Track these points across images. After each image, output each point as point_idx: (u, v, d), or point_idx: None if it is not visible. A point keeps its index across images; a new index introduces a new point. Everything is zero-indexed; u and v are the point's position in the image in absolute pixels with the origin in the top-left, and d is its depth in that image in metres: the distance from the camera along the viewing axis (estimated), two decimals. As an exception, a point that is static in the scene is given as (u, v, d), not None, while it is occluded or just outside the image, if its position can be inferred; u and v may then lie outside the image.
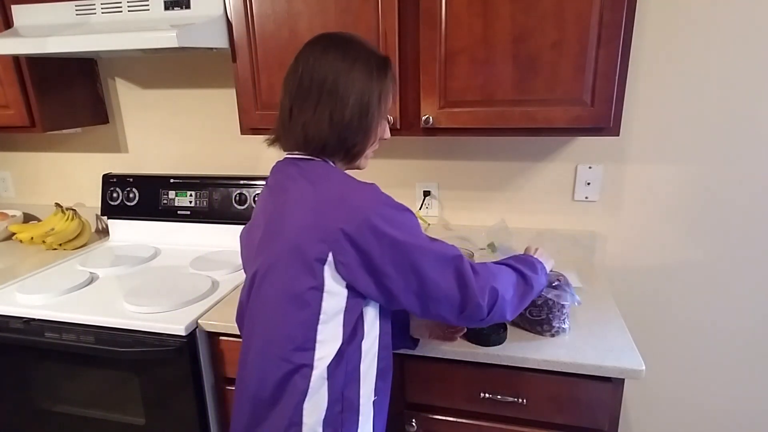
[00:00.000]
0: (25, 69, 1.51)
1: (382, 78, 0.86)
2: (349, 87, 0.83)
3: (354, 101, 0.83)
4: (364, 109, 0.84)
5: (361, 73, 0.83)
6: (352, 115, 0.83)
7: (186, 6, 1.28)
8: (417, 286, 0.80)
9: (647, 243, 1.53)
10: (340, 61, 0.83)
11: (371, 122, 0.86)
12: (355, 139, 0.85)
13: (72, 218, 1.80)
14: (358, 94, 0.83)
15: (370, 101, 0.84)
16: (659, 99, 1.39)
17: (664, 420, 1.68)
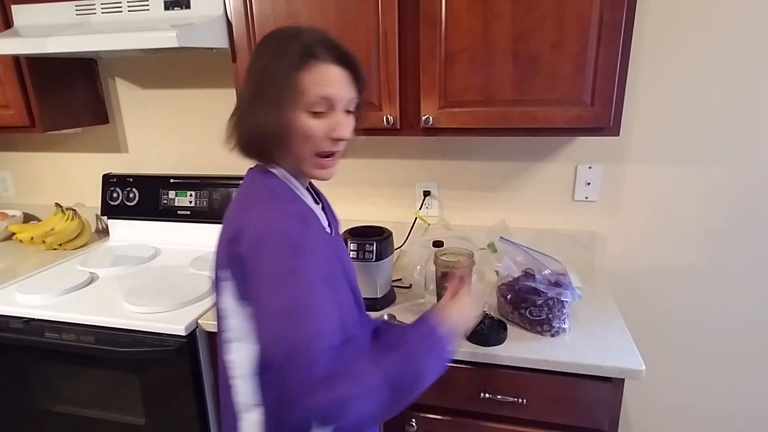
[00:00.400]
0: (25, 69, 1.51)
1: (285, 54, 0.74)
2: (269, 84, 0.74)
3: (271, 97, 0.74)
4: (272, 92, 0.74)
5: (269, 57, 0.75)
6: (268, 114, 0.74)
7: (186, 6, 1.28)
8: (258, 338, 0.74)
9: (647, 243, 1.53)
10: (264, 50, 0.77)
11: (281, 109, 0.73)
12: (269, 139, 0.76)
13: (72, 218, 1.80)
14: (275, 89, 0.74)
15: (283, 95, 0.73)
16: (659, 99, 1.39)
17: (664, 420, 1.68)
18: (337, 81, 0.75)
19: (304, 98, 0.74)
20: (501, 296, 1.20)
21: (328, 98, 0.75)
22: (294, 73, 0.73)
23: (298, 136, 0.75)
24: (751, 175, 1.40)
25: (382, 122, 1.24)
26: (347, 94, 0.77)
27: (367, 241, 1.24)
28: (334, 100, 0.75)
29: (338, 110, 0.77)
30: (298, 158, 0.78)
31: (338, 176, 1.68)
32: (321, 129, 0.76)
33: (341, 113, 0.77)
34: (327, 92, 0.74)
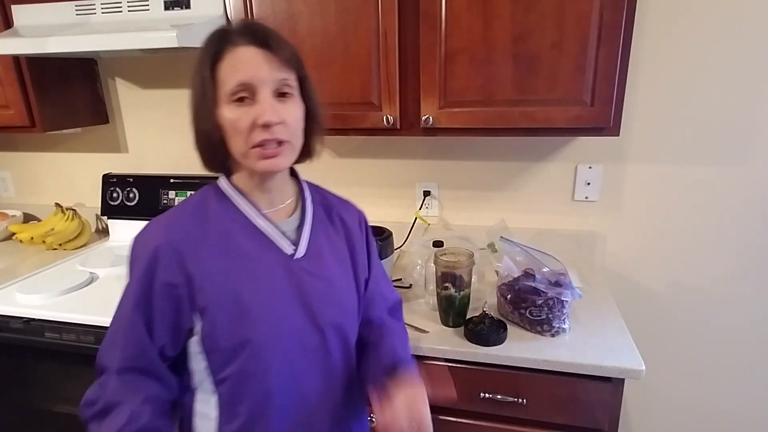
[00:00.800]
0: (25, 69, 1.51)
1: (210, 47, 0.71)
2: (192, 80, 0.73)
3: (192, 95, 0.73)
4: (198, 93, 0.72)
5: (196, 61, 0.72)
6: (194, 108, 0.73)
7: (186, 6, 1.28)
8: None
9: (647, 243, 1.53)
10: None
11: (209, 108, 0.71)
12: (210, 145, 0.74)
13: (72, 218, 1.80)
14: (192, 85, 0.73)
15: (202, 82, 0.71)
16: (659, 99, 1.39)
17: (664, 420, 1.68)
18: (252, 63, 0.70)
19: (223, 89, 0.70)
20: (501, 296, 1.20)
21: (245, 83, 0.69)
22: (211, 66, 0.70)
23: (228, 132, 0.72)
24: (751, 175, 1.40)
25: (382, 122, 1.24)
26: (270, 74, 0.70)
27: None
28: (252, 83, 0.69)
29: (263, 94, 0.70)
30: (241, 156, 0.73)
31: (338, 176, 1.69)
32: (247, 118, 0.70)
33: (267, 97, 0.70)
34: (242, 76, 0.69)
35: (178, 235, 0.73)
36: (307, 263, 0.80)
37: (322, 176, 1.71)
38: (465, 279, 1.14)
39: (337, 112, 1.27)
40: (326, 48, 1.23)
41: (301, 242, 0.80)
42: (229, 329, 0.73)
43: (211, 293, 0.72)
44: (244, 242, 0.76)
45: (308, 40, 1.23)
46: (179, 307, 0.72)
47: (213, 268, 0.73)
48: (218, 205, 0.77)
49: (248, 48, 0.70)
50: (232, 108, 0.70)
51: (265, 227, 0.78)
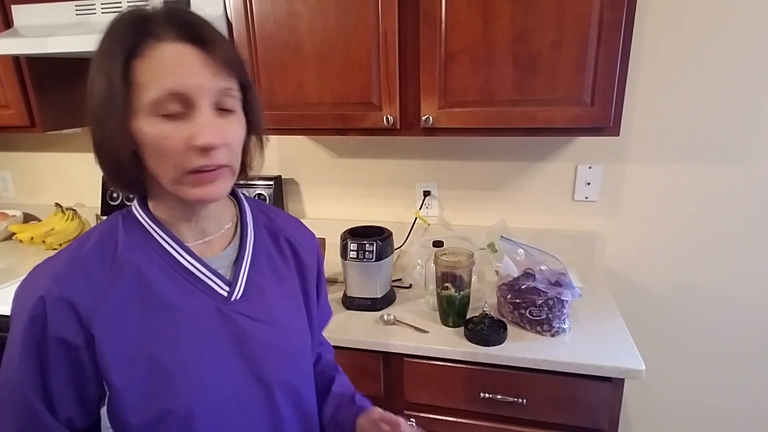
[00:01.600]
0: (25, 69, 1.51)
1: (124, 38, 0.54)
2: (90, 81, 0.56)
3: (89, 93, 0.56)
4: (101, 97, 0.54)
5: (98, 51, 0.57)
6: (94, 116, 0.56)
7: (186, 6, 1.28)
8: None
9: (647, 243, 1.53)
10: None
11: (116, 117, 0.54)
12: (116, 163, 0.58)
13: (72, 218, 1.80)
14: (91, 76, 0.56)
15: (109, 83, 0.54)
16: (659, 99, 1.39)
17: (664, 420, 1.68)
18: (187, 66, 0.53)
19: (143, 96, 0.53)
20: (501, 296, 1.20)
21: (178, 92, 0.53)
22: (123, 64, 0.53)
23: (149, 151, 0.55)
24: (751, 175, 1.40)
25: (382, 122, 1.24)
26: (209, 82, 0.54)
27: (367, 241, 1.24)
28: (187, 93, 0.53)
29: (202, 108, 0.54)
30: (169, 182, 0.57)
31: (338, 176, 1.69)
32: (179, 136, 0.54)
33: (207, 111, 0.55)
34: (172, 84, 0.52)
35: (71, 285, 0.56)
36: (246, 305, 0.65)
37: (322, 176, 1.72)
38: (465, 279, 1.14)
39: (337, 112, 1.27)
40: (326, 48, 1.23)
41: (238, 280, 0.65)
42: (142, 401, 0.57)
43: (116, 358, 0.56)
44: (164, 287, 0.60)
45: (308, 40, 1.23)
46: (80, 371, 0.57)
47: (119, 325, 0.57)
48: (131, 240, 0.61)
49: (178, 45, 0.53)
50: (155, 122, 0.54)
51: (192, 266, 0.62)
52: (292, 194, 1.76)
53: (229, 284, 0.65)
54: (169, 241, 0.62)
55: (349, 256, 1.25)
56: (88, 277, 0.57)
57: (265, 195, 1.66)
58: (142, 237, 0.62)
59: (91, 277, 0.57)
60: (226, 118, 0.57)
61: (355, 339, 1.15)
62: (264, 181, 1.66)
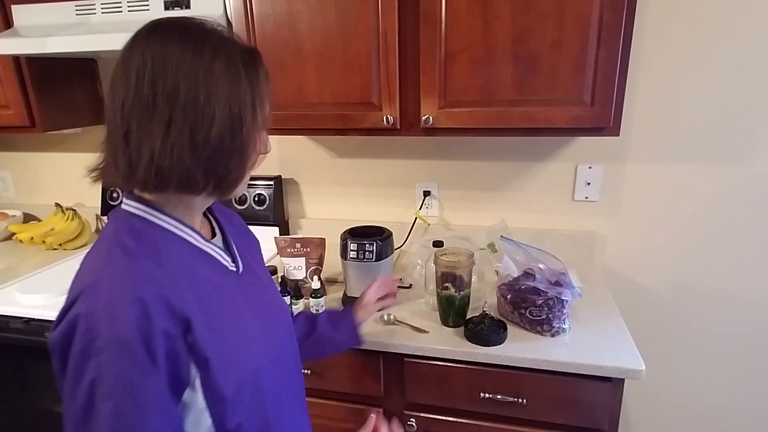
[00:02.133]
0: (25, 69, 1.51)
1: (253, 78, 0.64)
2: (213, 95, 0.59)
3: (222, 115, 0.60)
4: (236, 124, 0.61)
5: (224, 75, 0.61)
6: (222, 134, 0.60)
7: (186, 6, 1.29)
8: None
9: (647, 243, 1.53)
10: (192, 59, 0.60)
11: (247, 139, 0.63)
12: (229, 164, 0.63)
13: (72, 218, 1.80)
14: (226, 103, 0.60)
15: (242, 111, 0.62)
16: (659, 99, 1.39)
17: (664, 420, 1.68)
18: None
19: (263, 114, 0.66)
20: (501, 296, 1.20)
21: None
22: (253, 83, 0.64)
23: (255, 157, 0.67)
24: (751, 175, 1.40)
25: (382, 122, 1.24)
26: None
27: (367, 241, 1.24)
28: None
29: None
30: (240, 181, 0.67)
31: (338, 176, 1.69)
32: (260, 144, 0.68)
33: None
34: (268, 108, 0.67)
35: (156, 281, 0.59)
36: (248, 276, 0.77)
37: (322, 176, 1.72)
38: (465, 279, 1.14)
39: (337, 112, 1.27)
40: (326, 48, 1.23)
41: (237, 258, 0.75)
42: (228, 371, 0.64)
43: (206, 337, 0.62)
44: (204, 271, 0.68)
45: (308, 40, 1.23)
46: (177, 362, 0.59)
47: (198, 308, 0.62)
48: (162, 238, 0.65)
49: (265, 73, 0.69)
50: (264, 134, 0.68)
51: (211, 250, 0.71)
52: (292, 194, 1.76)
53: (234, 262, 0.75)
54: (188, 233, 0.68)
55: (349, 256, 1.25)
56: (159, 274, 0.60)
57: (265, 195, 1.66)
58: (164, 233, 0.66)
59: (161, 274, 0.61)
60: None
61: (355, 339, 1.15)
62: (264, 181, 1.66)
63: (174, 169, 0.60)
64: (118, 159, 0.62)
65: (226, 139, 0.61)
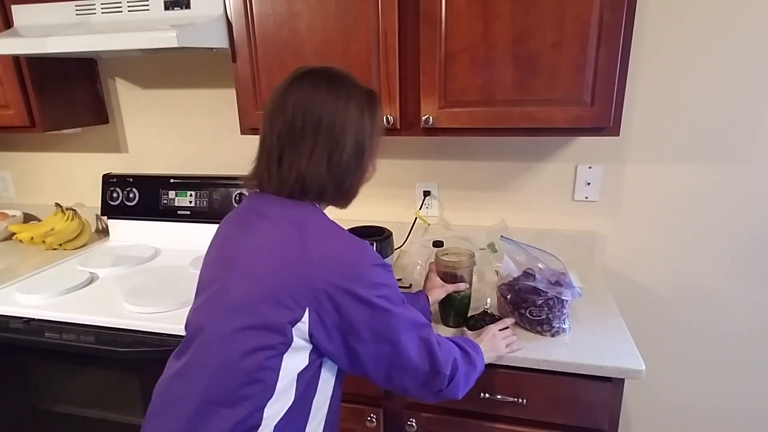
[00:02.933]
0: (25, 69, 1.51)
1: (373, 114, 0.83)
2: (346, 127, 0.78)
3: (351, 142, 0.79)
4: (360, 150, 0.81)
5: (354, 111, 0.80)
6: (350, 158, 0.80)
7: (186, 6, 1.28)
8: (389, 355, 0.77)
9: (647, 243, 1.53)
10: (334, 99, 0.78)
11: (366, 162, 0.84)
12: (352, 181, 0.83)
13: (72, 218, 1.80)
14: (354, 133, 0.79)
15: (365, 140, 0.82)
16: (659, 99, 1.39)
17: (664, 420, 1.68)
18: None
19: (378, 142, 0.87)
20: (501, 296, 1.20)
21: None
22: (379, 126, 0.86)
23: (369, 178, 0.88)
24: (751, 175, 1.40)
25: (382, 122, 1.24)
26: None
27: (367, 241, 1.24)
28: None
29: None
30: (355, 195, 0.88)
31: (338, 176, 1.69)
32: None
33: None
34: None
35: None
36: None
37: (322, 176, 1.72)
38: (466, 279, 1.14)
39: (337, 112, 1.27)
40: (326, 48, 1.23)
41: None
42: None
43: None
44: None
45: (308, 40, 1.23)
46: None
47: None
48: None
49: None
50: (375, 159, 0.88)
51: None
52: (292, 194, 1.76)
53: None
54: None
55: (349, 256, 1.25)
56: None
57: (265, 195, 1.66)
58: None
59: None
60: None
61: (355, 339, 1.15)
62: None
63: (314, 184, 0.78)
64: (272, 174, 0.79)
65: (352, 162, 0.80)
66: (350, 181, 0.82)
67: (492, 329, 1.04)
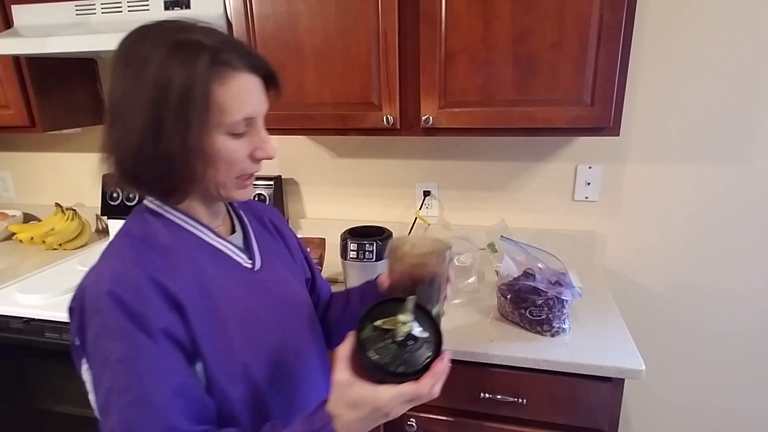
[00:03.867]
0: (25, 69, 1.51)
1: (205, 65, 0.60)
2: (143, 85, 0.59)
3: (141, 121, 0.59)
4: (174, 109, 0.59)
5: (166, 64, 0.59)
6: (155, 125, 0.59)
7: (186, 6, 1.28)
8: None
9: (647, 243, 1.53)
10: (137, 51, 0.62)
11: (190, 130, 0.60)
12: (172, 168, 0.61)
13: (72, 218, 1.80)
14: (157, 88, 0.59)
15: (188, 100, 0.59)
16: (659, 99, 1.39)
17: (664, 420, 1.68)
18: (256, 95, 0.66)
19: (225, 118, 0.62)
20: (501, 296, 1.20)
21: (250, 117, 0.65)
22: (209, 87, 0.60)
23: (218, 162, 0.64)
24: (751, 175, 1.40)
25: (382, 122, 1.24)
26: (264, 106, 0.68)
27: (367, 241, 1.24)
28: (255, 117, 0.66)
29: (260, 126, 0.68)
30: (217, 185, 0.67)
31: (338, 176, 1.69)
32: (245, 150, 0.66)
33: (263, 129, 0.68)
34: (249, 110, 0.64)
35: (150, 265, 0.62)
36: (266, 274, 0.78)
37: (322, 176, 1.72)
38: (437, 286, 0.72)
39: (337, 112, 1.27)
40: (326, 48, 1.23)
41: (255, 254, 0.77)
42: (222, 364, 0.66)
43: (202, 329, 0.64)
44: (211, 267, 0.69)
45: (308, 40, 1.23)
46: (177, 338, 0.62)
47: (198, 299, 0.65)
48: (170, 234, 0.67)
49: (251, 76, 0.65)
50: (228, 139, 0.64)
51: (224, 246, 0.73)
52: (292, 194, 1.76)
53: (250, 258, 0.76)
54: (197, 227, 0.70)
55: (349, 256, 1.25)
56: (157, 261, 0.63)
57: (265, 195, 1.66)
58: (175, 228, 0.69)
59: (157, 261, 0.63)
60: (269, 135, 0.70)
61: (355, 339, 1.15)
62: (264, 181, 1.66)
63: (127, 173, 0.64)
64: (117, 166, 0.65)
65: (155, 133, 0.60)
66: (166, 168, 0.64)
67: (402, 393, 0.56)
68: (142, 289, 0.60)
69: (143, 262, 0.62)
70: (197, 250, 0.69)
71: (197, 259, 0.68)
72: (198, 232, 0.70)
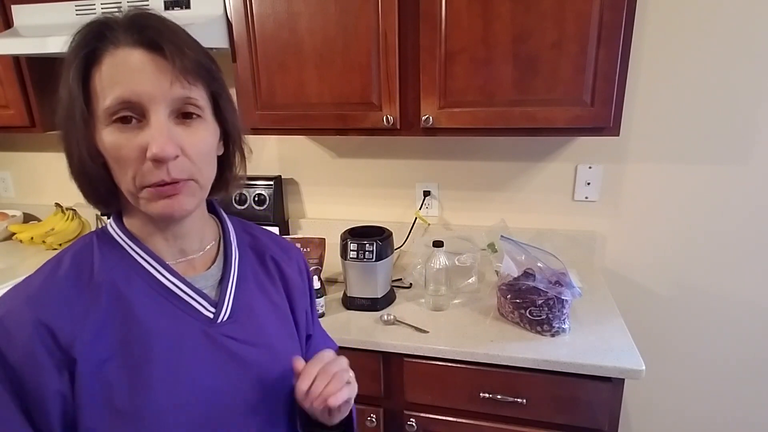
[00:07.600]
0: (25, 69, 1.51)
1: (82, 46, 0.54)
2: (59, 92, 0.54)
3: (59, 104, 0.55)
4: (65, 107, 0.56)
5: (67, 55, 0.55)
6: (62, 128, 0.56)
7: (186, 6, 1.28)
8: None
9: (647, 243, 1.53)
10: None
11: (79, 128, 0.54)
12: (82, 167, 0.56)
13: (72, 218, 1.80)
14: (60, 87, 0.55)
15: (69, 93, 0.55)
16: (659, 99, 1.39)
17: (664, 420, 1.68)
18: (139, 73, 0.51)
19: (101, 104, 0.52)
20: (501, 296, 1.20)
21: (128, 100, 0.51)
22: (82, 73, 0.53)
23: (111, 162, 0.54)
24: (751, 175, 1.40)
25: (382, 122, 1.24)
26: (164, 90, 0.51)
27: (367, 241, 1.24)
28: (138, 101, 0.51)
29: (155, 116, 0.51)
30: (129, 196, 0.54)
31: (338, 176, 1.69)
32: (132, 145, 0.51)
33: (160, 120, 0.51)
34: (123, 91, 0.51)
35: (45, 306, 0.52)
36: (233, 327, 0.61)
37: (322, 176, 1.72)
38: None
39: (337, 112, 1.27)
40: (326, 48, 1.23)
41: (224, 300, 0.62)
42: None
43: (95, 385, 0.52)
44: (144, 309, 0.56)
45: (308, 40, 1.23)
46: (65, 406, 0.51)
47: (115, 350, 0.53)
48: (107, 259, 0.57)
49: (134, 51, 0.51)
50: (111, 131, 0.52)
51: (176, 288, 0.58)
52: (292, 194, 1.76)
53: (214, 305, 0.61)
54: (147, 259, 0.58)
55: (349, 256, 1.25)
56: (65, 301, 0.52)
57: (265, 195, 1.66)
58: (118, 255, 0.57)
59: (68, 300, 0.53)
60: (187, 127, 0.54)
61: (355, 339, 1.15)
62: (264, 181, 1.66)
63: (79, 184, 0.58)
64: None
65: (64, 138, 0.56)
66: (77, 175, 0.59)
67: None
68: (17, 333, 0.50)
69: (42, 300, 0.52)
70: (141, 288, 0.57)
71: (136, 301, 0.56)
72: (145, 264, 0.58)
